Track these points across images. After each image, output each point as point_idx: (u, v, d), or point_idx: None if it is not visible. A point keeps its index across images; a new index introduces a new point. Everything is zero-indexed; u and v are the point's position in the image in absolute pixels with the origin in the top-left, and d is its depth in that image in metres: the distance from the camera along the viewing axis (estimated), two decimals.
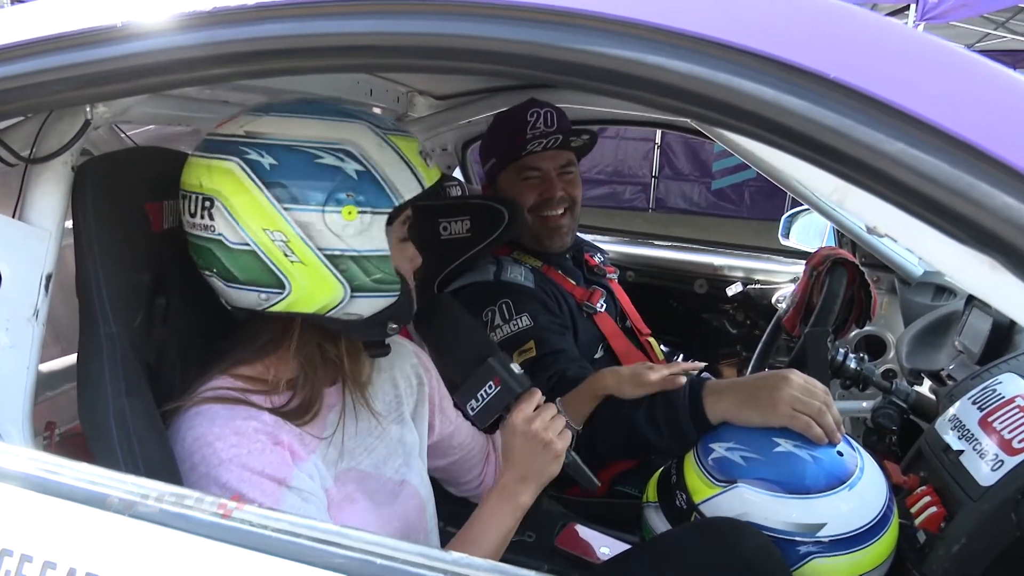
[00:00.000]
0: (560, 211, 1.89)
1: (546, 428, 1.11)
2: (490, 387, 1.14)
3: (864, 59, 0.57)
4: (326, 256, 0.98)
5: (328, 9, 0.68)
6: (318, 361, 1.08)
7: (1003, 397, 1.32)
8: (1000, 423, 1.26)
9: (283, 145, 0.96)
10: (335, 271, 0.99)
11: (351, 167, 0.98)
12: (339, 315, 1.03)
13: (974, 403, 1.36)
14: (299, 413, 1.04)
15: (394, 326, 1.11)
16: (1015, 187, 0.51)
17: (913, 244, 0.61)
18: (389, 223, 1.02)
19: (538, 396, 1.15)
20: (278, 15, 0.69)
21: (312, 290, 1.00)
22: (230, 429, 0.96)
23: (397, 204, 1.00)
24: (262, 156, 0.96)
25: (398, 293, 1.06)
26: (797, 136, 0.58)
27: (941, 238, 0.57)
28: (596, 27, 0.62)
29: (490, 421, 1.16)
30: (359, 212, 0.98)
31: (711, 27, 0.59)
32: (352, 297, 1.02)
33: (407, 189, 1.01)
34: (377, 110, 2.02)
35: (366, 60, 0.69)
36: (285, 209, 0.96)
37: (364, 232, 0.99)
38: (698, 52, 0.59)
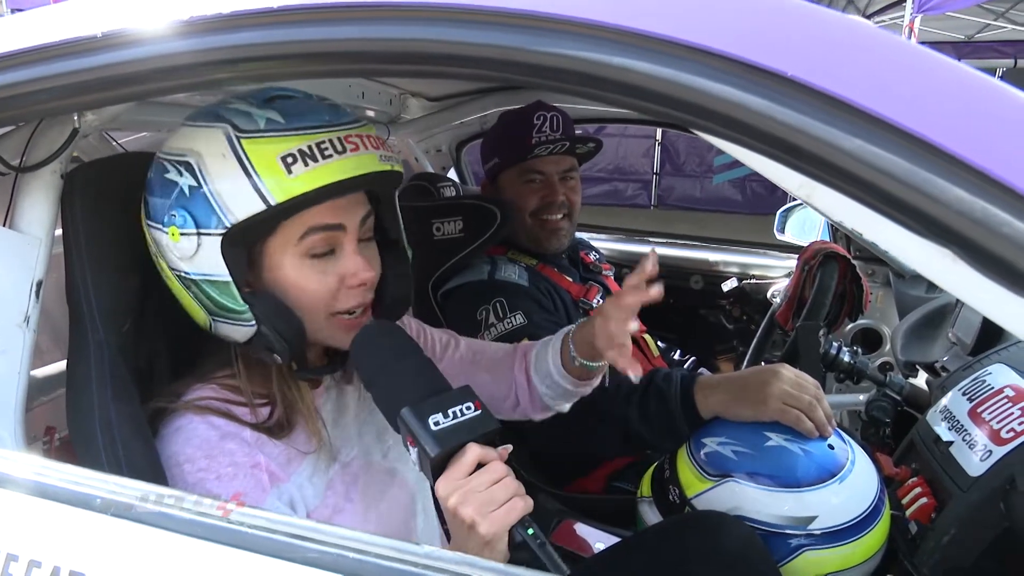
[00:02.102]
0: (560, 216, 1.91)
1: (465, 503, 0.83)
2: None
3: (821, 57, 0.58)
4: (177, 277, 0.96)
5: (301, 16, 0.69)
6: (274, 372, 1.02)
7: (992, 388, 1.33)
8: (989, 414, 1.27)
9: (157, 159, 0.97)
10: (188, 292, 0.96)
11: (187, 182, 0.91)
12: (220, 334, 0.99)
13: (964, 394, 1.37)
14: (280, 428, 1.01)
15: (277, 358, 0.98)
16: (968, 181, 0.52)
17: (878, 238, 0.62)
18: (254, 242, 0.94)
19: (473, 457, 0.85)
20: (250, 24, 0.70)
21: (187, 306, 0.99)
22: (202, 452, 0.94)
23: (230, 224, 0.89)
24: (149, 171, 0.98)
25: (253, 324, 0.95)
26: (760, 134, 0.59)
27: (903, 232, 0.58)
28: (563, 30, 0.64)
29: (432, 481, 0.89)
30: (182, 234, 0.91)
31: (673, 28, 0.60)
32: (215, 321, 0.97)
33: (242, 207, 0.89)
34: (370, 113, 2.04)
35: (339, 66, 0.70)
36: (147, 224, 0.97)
37: (196, 255, 0.92)
38: (662, 53, 0.60)
